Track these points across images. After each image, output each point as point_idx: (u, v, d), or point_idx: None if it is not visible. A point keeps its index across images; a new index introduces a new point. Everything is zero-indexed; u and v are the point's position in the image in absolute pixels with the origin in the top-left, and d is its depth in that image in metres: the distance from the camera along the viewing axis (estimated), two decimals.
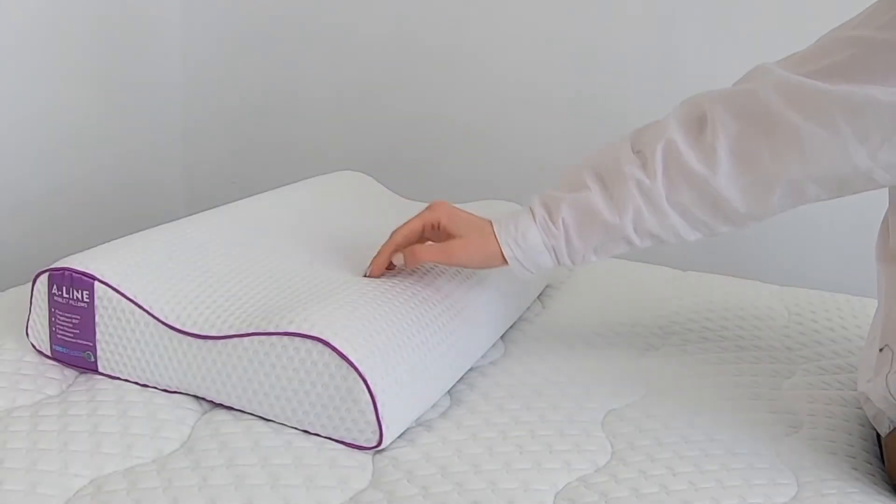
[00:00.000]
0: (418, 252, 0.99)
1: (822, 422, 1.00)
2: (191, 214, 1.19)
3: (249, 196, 1.27)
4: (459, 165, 1.93)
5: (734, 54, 1.64)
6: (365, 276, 1.03)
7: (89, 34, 1.80)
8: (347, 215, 1.27)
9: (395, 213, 1.35)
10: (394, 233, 1.02)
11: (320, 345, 0.86)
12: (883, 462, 0.95)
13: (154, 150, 2.04)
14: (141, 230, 1.09)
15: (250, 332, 0.89)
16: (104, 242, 1.03)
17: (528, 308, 1.25)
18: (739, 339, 1.21)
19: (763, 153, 0.87)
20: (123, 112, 1.92)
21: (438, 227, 1.00)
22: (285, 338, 0.88)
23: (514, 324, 1.20)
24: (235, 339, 0.90)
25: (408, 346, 0.92)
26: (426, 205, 1.44)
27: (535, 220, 0.96)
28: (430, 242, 1.02)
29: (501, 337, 1.16)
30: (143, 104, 1.98)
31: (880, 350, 0.91)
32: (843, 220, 1.63)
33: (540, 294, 1.31)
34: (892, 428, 0.92)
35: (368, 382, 0.85)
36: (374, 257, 1.03)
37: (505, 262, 0.98)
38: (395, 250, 1.01)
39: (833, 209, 1.67)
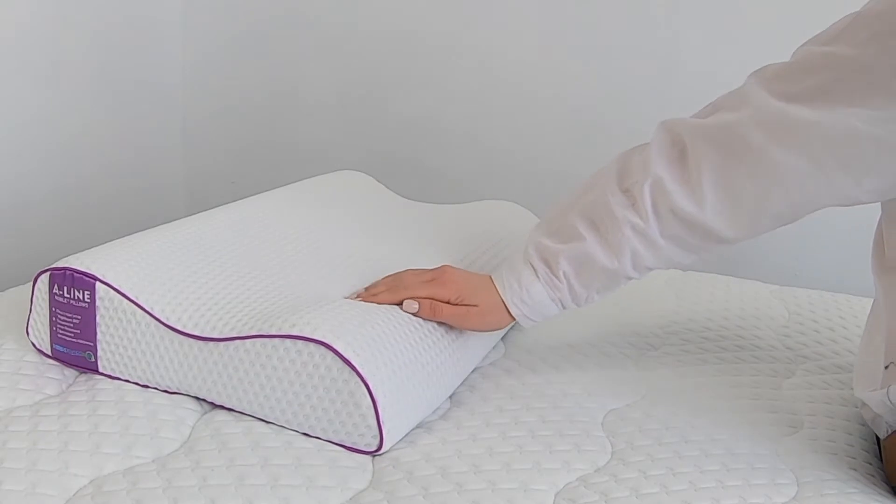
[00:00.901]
0: (438, 311, 0.97)
1: (822, 422, 1.00)
2: (191, 214, 1.19)
3: (249, 196, 1.27)
4: (459, 165, 1.93)
5: (734, 54, 1.64)
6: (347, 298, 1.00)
7: (89, 34, 1.80)
8: (348, 215, 1.27)
9: (396, 212, 1.35)
10: (397, 286, 0.99)
11: (323, 348, 0.86)
12: (882, 462, 0.95)
13: (154, 151, 2.04)
14: (141, 230, 1.09)
15: (252, 334, 0.89)
16: (104, 243, 1.03)
17: None
18: (739, 338, 1.21)
19: (747, 188, 0.88)
20: (123, 113, 1.92)
21: (448, 303, 0.99)
22: (287, 340, 0.88)
23: (515, 324, 1.20)
24: (237, 342, 0.90)
25: (410, 351, 0.92)
26: (425, 204, 1.45)
27: (538, 277, 0.97)
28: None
29: (502, 338, 1.16)
30: (143, 104, 1.98)
31: (886, 367, 0.91)
32: (842, 220, 1.63)
33: None
34: (889, 432, 0.92)
35: (370, 386, 0.85)
36: (366, 294, 1.00)
37: (513, 318, 0.99)
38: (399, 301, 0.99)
39: (833, 209, 1.67)
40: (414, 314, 0.97)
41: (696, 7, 1.70)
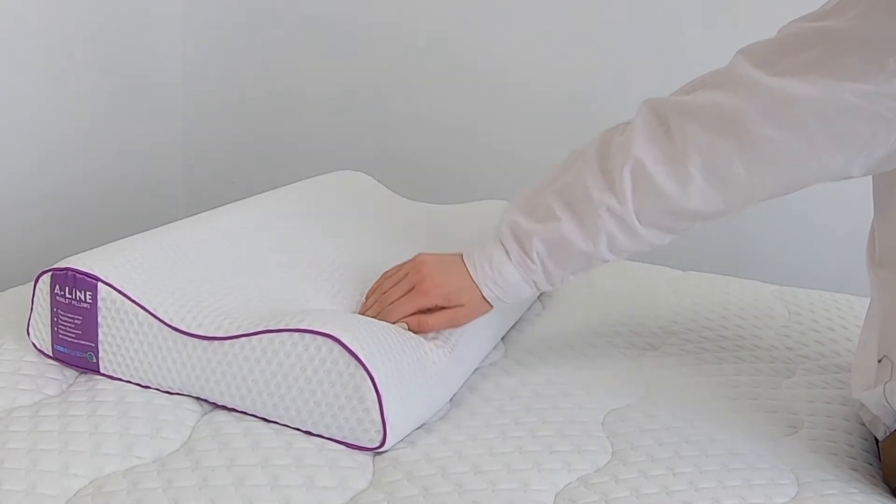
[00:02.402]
0: (425, 326, 0.98)
1: (822, 422, 1.00)
2: (191, 215, 1.19)
3: (249, 196, 1.27)
4: (459, 165, 1.93)
5: (734, 48, 1.64)
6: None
7: (89, 34, 1.80)
8: (348, 215, 1.27)
9: (396, 213, 1.35)
10: (384, 307, 0.99)
11: (330, 341, 0.87)
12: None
13: (154, 151, 2.04)
14: (141, 230, 1.09)
15: (259, 330, 0.90)
16: (105, 243, 1.03)
17: (529, 308, 1.25)
18: (739, 338, 1.21)
19: (739, 169, 0.86)
20: (123, 112, 1.92)
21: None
22: (295, 334, 0.88)
23: (515, 324, 1.20)
24: (243, 339, 0.90)
25: (416, 351, 0.93)
26: (425, 205, 1.45)
27: (510, 259, 0.96)
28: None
29: (502, 338, 1.16)
30: (143, 104, 1.98)
31: (879, 361, 0.91)
32: (842, 220, 1.63)
33: (540, 294, 1.31)
34: (887, 433, 0.92)
35: (375, 380, 0.86)
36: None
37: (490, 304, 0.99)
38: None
39: (833, 209, 1.67)
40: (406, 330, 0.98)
41: (696, 6, 1.70)
